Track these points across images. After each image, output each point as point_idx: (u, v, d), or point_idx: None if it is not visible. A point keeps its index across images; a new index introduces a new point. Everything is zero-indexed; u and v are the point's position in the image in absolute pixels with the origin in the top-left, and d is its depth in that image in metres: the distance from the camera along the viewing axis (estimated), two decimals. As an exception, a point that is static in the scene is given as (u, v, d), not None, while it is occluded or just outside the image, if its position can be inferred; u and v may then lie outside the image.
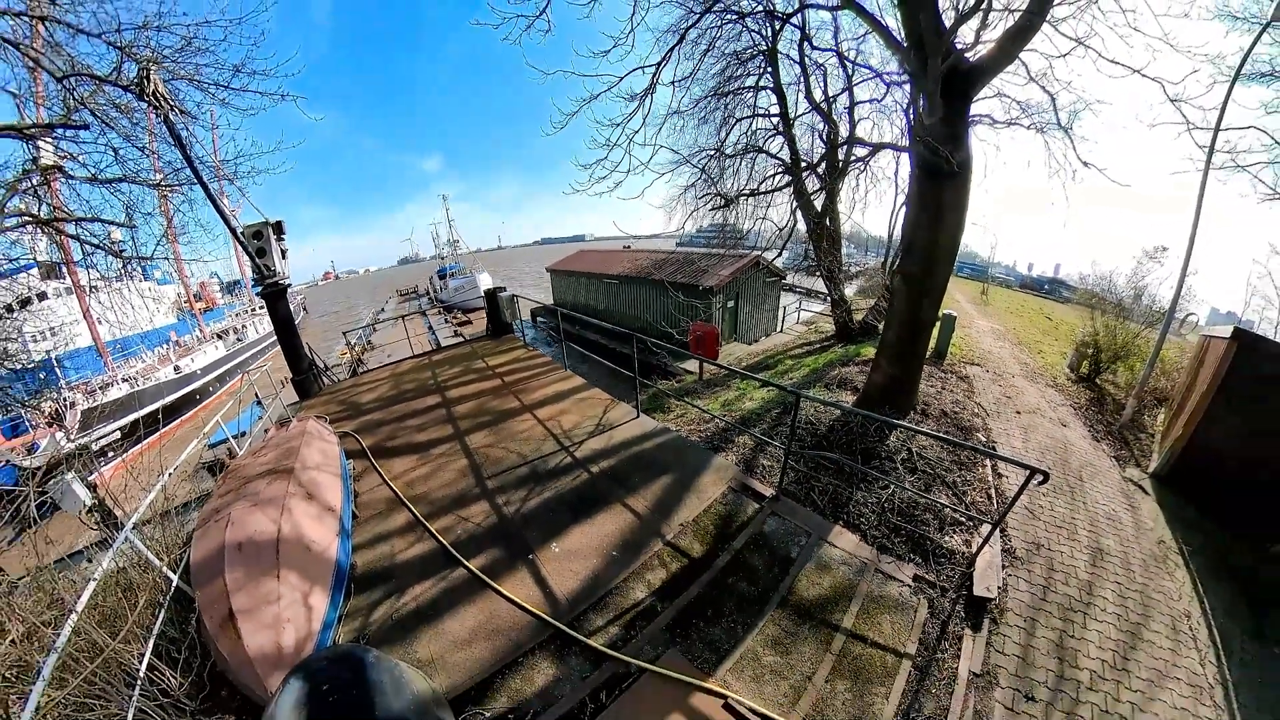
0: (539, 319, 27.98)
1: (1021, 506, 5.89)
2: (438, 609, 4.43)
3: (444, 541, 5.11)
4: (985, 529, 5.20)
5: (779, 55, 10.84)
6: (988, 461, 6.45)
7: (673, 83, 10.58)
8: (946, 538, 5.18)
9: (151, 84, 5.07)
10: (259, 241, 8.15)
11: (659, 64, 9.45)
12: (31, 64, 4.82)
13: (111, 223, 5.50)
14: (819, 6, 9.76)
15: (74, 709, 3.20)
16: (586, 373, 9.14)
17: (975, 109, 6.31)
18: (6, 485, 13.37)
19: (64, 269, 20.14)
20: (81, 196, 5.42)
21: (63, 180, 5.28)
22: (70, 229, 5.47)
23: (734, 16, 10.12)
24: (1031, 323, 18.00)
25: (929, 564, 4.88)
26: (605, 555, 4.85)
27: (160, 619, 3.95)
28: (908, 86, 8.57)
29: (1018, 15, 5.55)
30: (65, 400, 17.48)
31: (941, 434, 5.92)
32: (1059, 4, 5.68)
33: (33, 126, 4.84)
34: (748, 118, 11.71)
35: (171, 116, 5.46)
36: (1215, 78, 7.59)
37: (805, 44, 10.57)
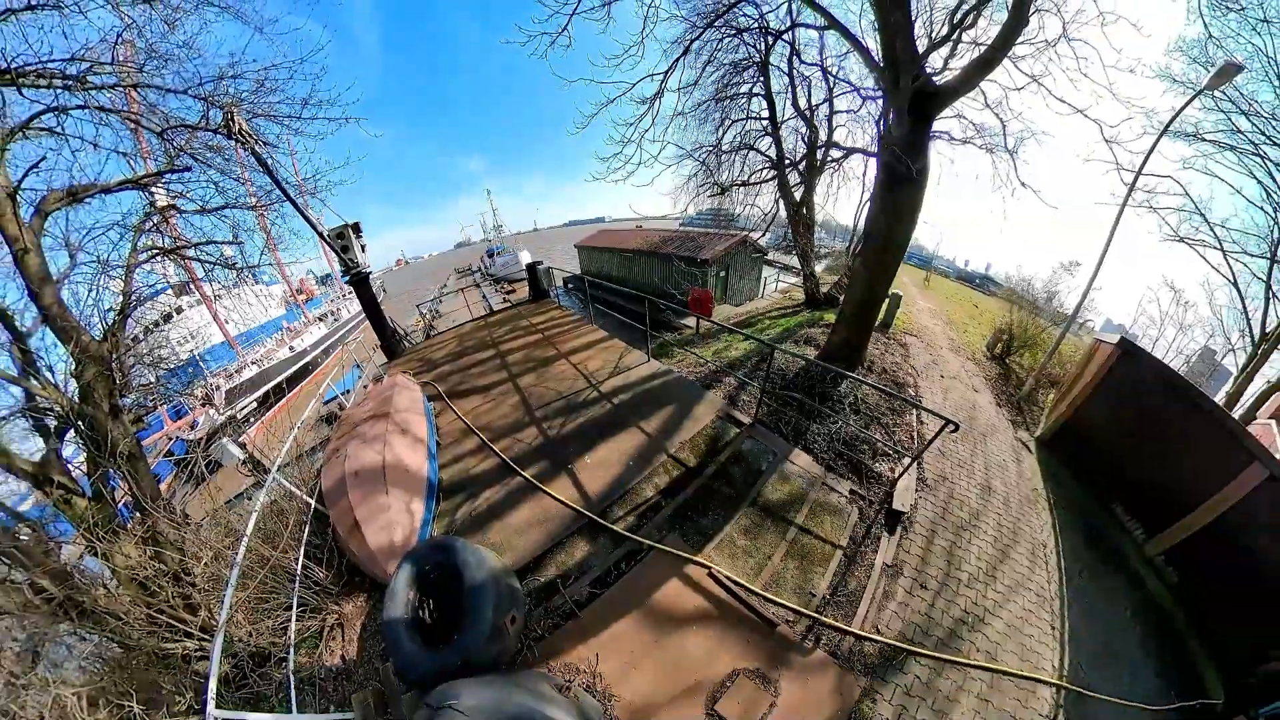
0: (569, 286, 27.47)
1: (935, 448, 5.91)
2: (503, 507, 4.59)
3: (505, 458, 5.22)
4: (906, 461, 5.29)
5: (771, 67, 9.98)
6: (913, 410, 6.43)
7: (678, 89, 9.85)
8: (877, 464, 5.29)
9: (235, 124, 4.83)
10: (342, 241, 7.96)
11: (666, 72, 8.81)
12: (133, 125, 4.62)
13: (222, 243, 5.36)
14: (808, 26, 8.94)
15: (255, 603, 3.45)
16: (608, 327, 9.04)
17: (937, 126, 5.89)
18: (179, 455, 14.05)
19: (192, 286, 20.22)
20: (195, 225, 5.29)
21: (177, 215, 5.16)
22: (190, 253, 5.37)
23: (733, 32, 9.29)
24: (961, 308, 17.18)
25: (862, 482, 5.02)
26: (624, 464, 4.92)
27: (306, 532, 4.16)
28: (880, 101, 7.92)
29: (983, 49, 5.12)
30: (212, 385, 17.93)
31: (881, 386, 5.86)
32: (1021, 43, 5.18)
33: (144, 177, 4.69)
34: (741, 120, 10.95)
35: (256, 149, 5.23)
36: (1146, 128, 6.99)
37: (794, 58, 9.73)
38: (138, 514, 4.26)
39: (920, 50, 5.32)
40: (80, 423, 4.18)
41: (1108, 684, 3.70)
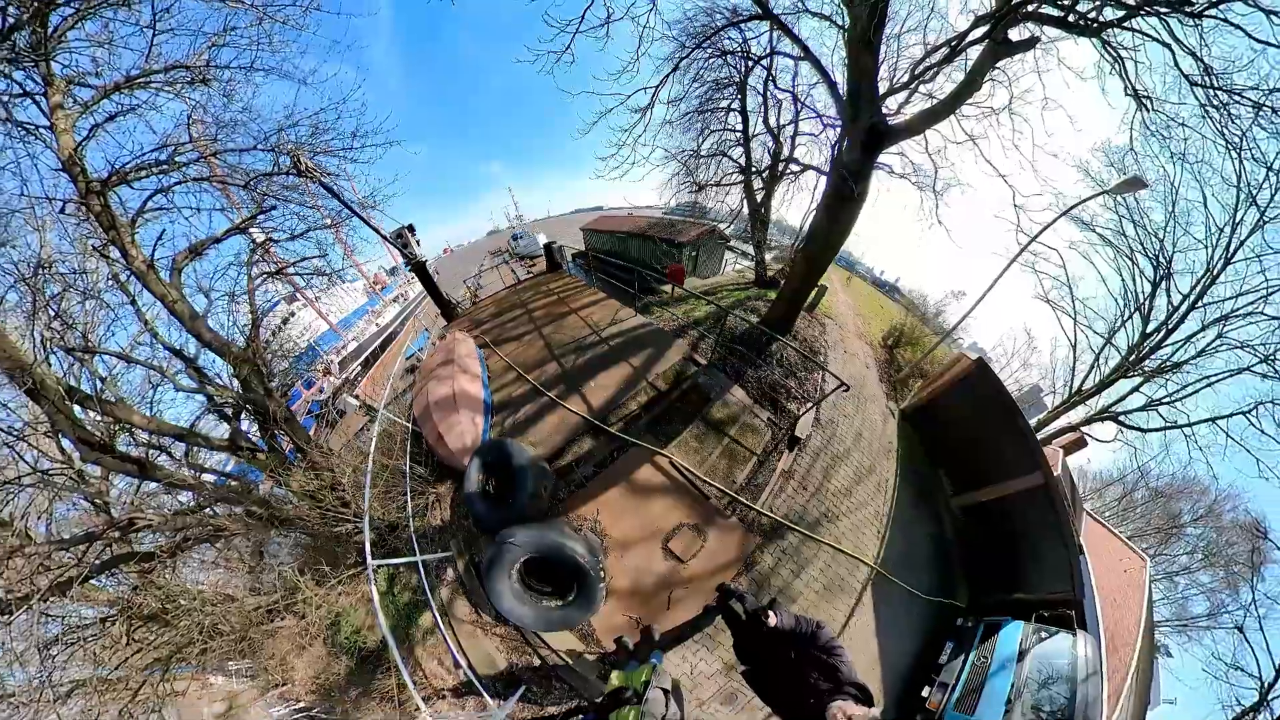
0: (577, 260, 26.25)
1: (831, 400, 5.75)
2: (535, 417, 4.98)
3: (535, 384, 5.41)
4: (809, 405, 5.41)
5: (749, 87, 8.95)
6: (820, 371, 6.31)
7: (667, 101, 9.01)
8: (789, 404, 5.42)
9: (302, 165, 4.51)
10: (401, 240, 7.51)
11: (657, 86, 7.94)
12: (221, 185, 4.43)
13: (312, 258, 5.21)
14: (785, 55, 7.80)
15: (383, 494, 3.96)
16: (606, 290, 8.96)
17: (881, 159, 5.42)
18: (317, 411, 14.50)
19: (297, 294, 19.88)
20: (288, 249, 5.13)
21: (274, 245, 5.02)
22: (290, 271, 5.29)
23: (718, 54, 8.23)
24: (870, 306, 16.26)
25: (777, 414, 5.22)
26: (617, 388, 5.12)
27: (409, 446, 4.59)
28: (838, 129, 7.27)
29: (935, 102, 4.72)
30: (328, 361, 18.32)
31: (800, 350, 5.94)
32: (969, 104, 4.68)
33: (243, 222, 4.57)
34: (719, 130, 9.87)
35: (323, 181, 4.91)
36: (1051, 205, 6.44)
37: (770, 82, 8.54)
38: (299, 454, 4.67)
39: (880, 92, 4.80)
40: (248, 406, 4.47)
41: (902, 575, 4.25)
